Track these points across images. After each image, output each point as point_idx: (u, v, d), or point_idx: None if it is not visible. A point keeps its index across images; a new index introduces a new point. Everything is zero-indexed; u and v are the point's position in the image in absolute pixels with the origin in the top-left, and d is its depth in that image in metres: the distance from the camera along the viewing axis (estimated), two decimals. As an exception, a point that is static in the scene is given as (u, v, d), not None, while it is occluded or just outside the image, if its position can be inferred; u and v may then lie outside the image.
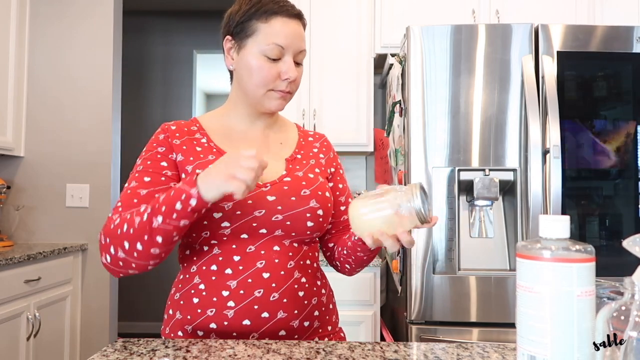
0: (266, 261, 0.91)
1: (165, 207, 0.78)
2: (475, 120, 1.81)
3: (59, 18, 2.61)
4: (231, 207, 0.88)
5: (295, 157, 1.02)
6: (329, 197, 0.99)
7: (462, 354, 0.78)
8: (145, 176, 0.91)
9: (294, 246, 0.94)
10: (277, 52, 0.92)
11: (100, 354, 0.77)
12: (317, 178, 0.99)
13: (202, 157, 0.95)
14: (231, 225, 0.89)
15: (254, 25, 0.93)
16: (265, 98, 0.96)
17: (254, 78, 0.94)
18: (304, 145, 1.06)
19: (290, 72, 0.93)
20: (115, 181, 2.65)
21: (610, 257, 1.75)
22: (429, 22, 2.36)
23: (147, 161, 0.94)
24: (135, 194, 0.89)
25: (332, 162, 1.08)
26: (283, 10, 0.93)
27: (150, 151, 0.95)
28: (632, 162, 1.80)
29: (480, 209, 1.81)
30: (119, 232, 0.82)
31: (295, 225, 0.92)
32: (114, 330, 2.63)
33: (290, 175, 0.97)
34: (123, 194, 0.91)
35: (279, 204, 0.91)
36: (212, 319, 0.89)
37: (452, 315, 1.77)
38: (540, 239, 0.57)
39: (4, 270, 1.95)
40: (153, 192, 0.90)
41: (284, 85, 0.95)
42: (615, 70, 1.82)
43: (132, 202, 0.88)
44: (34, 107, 2.59)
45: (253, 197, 0.90)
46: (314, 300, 0.95)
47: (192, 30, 4.12)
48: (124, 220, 0.83)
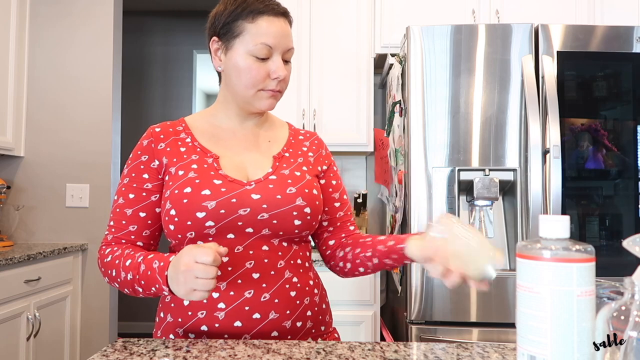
0: (255, 261, 0.90)
1: (144, 283, 0.85)
2: (475, 120, 1.81)
3: (59, 18, 2.61)
4: (215, 206, 0.87)
5: (283, 155, 1.00)
6: (317, 194, 0.97)
7: (462, 354, 0.78)
8: (130, 192, 0.95)
9: (284, 245, 0.93)
10: (265, 51, 0.92)
11: (100, 354, 0.77)
12: (304, 176, 0.98)
13: (186, 157, 0.94)
14: (215, 224, 0.88)
15: (241, 26, 0.92)
16: (255, 98, 0.95)
17: (243, 79, 0.93)
18: (293, 143, 1.05)
19: (280, 71, 0.93)
20: (115, 181, 2.65)
21: (610, 257, 1.76)
22: (429, 22, 2.36)
23: (131, 173, 0.96)
24: (123, 214, 0.95)
25: (323, 160, 1.06)
26: (269, 9, 0.93)
27: (135, 160, 0.97)
28: (632, 162, 1.80)
29: (480, 209, 1.81)
30: (109, 272, 0.90)
31: (282, 224, 0.91)
32: (114, 330, 2.63)
33: (276, 173, 0.96)
34: (113, 209, 0.96)
35: (264, 202, 0.90)
36: (202, 321, 0.88)
37: (452, 315, 1.77)
38: (540, 239, 0.57)
39: (4, 270, 1.95)
40: (137, 211, 0.94)
41: (274, 85, 0.94)
42: (615, 70, 1.82)
43: (121, 223, 0.94)
44: (34, 107, 2.59)
45: (237, 196, 0.89)
46: (307, 300, 0.94)
47: (192, 30, 4.12)
48: (112, 265, 0.90)
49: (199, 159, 0.94)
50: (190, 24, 4.12)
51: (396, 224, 1.99)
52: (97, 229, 2.58)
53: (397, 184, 1.98)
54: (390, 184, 2.16)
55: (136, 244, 0.95)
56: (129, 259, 0.88)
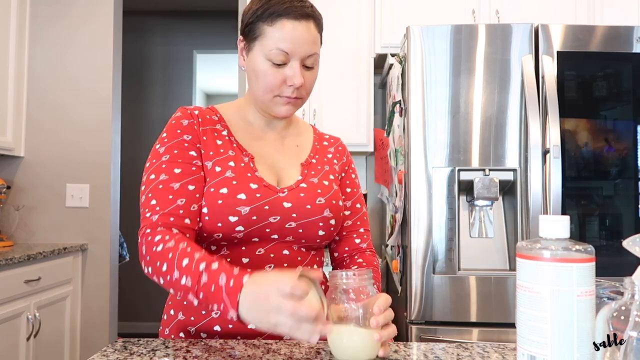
0: (275, 264, 0.90)
1: (202, 296, 0.73)
2: (475, 120, 1.80)
3: (59, 18, 2.61)
4: (248, 212, 0.86)
5: (310, 162, 0.99)
6: (341, 206, 0.97)
7: (462, 354, 0.78)
8: (175, 167, 0.87)
9: (302, 251, 0.93)
10: (281, 57, 0.88)
11: (100, 354, 0.77)
12: (331, 186, 0.97)
13: (222, 152, 0.91)
14: (245, 229, 0.87)
15: (260, 28, 0.89)
16: (272, 104, 0.93)
17: (260, 83, 0.91)
18: (319, 149, 1.03)
19: (296, 78, 0.88)
20: (115, 181, 2.65)
21: (610, 257, 1.75)
22: (429, 22, 2.35)
23: (173, 150, 0.89)
24: (169, 189, 0.85)
25: (344, 167, 1.05)
26: (289, 12, 0.87)
27: (175, 138, 0.90)
28: (632, 162, 1.80)
29: (480, 209, 1.81)
30: (157, 264, 0.79)
31: (306, 233, 0.91)
32: (114, 330, 2.63)
33: (305, 181, 0.95)
34: (153, 187, 0.86)
35: (294, 212, 0.90)
36: (216, 321, 0.88)
37: (452, 315, 1.77)
38: (540, 239, 0.57)
39: (4, 270, 1.95)
40: (186, 184, 0.86)
41: (290, 92, 0.90)
42: (615, 70, 1.82)
43: (167, 198, 0.85)
44: (34, 107, 2.59)
45: (270, 203, 0.88)
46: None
47: (192, 30, 4.12)
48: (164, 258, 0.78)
49: (235, 156, 0.92)
50: (190, 24, 4.12)
51: (396, 224, 1.99)
52: (97, 229, 2.58)
53: (397, 184, 1.98)
54: (390, 184, 2.16)
55: (184, 221, 0.85)
56: (185, 258, 0.76)
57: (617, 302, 0.53)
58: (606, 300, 0.59)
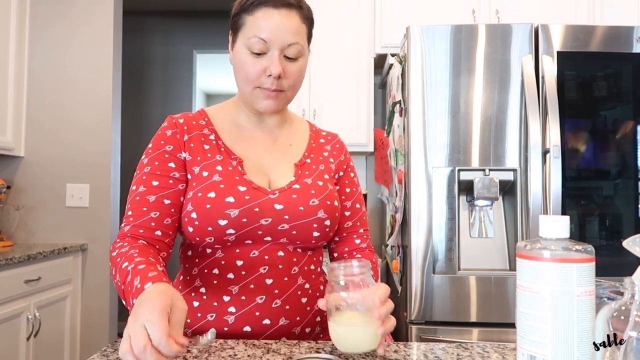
0: (270, 267, 0.89)
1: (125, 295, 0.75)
2: (475, 120, 1.80)
3: (59, 18, 2.61)
4: (237, 214, 0.85)
5: (304, 162, 0.97)
6: (337, 205, 0.95)
7: (462, 354, 0.78)
8: (153, 180, 0.88)
9: (298, 252, 0.92)
10: (260, 46, 0.86)
11: (100, 354, 0.77)
12: (326, 186, 0.95)
13: (210, 156, 0.91)
14: (236, 232, 0.86)
15: (243, 19, 0.89)
16: (253, 97, 0.91)
17: (240, 74, 0.90)
18: (314, 147, 1.01)
19: (274, 67, 0.86)
20: (115, 181, 2.65)
21: (610, 257, 1.75)
22: (429, 22, 2.35)
23: (154, 161, 0.90)
24: (144, 201, 0.87)
25: (342, 165, 1.03)
26: (269, 1, 0.86)
27: (157, 149, 0.91)
28: (632, 162, 1.80)
29: (480, 209, 1.81)
30: (112, 269, 0.81)
31: (301, 234, 0.90)
32: (114, 330, 2.63)
33: (299, 182, 0.93)
34: (132, 199, 0.88)
35: (286, 214, 0.88)
36: (212, 323, 0.88)
37: (452, 315, 1.77)
38: (540, 239, 0.57)
39: (4, 270, 1.95)
40: (161, 197, 0.87)
41: (270, 82, 0.88)
42: (615, 70, 1.82)
43: (142, 210, 0.86)
44: (34, 107, 2.59)
45: (260, 205, 0.87)
46: (317, 306, 0.92)
47: (192, 30, 4.12)
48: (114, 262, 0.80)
49: (223, 160, 0.91)
50: (190, 24, 4.12)
51: (396, 224, 1.99)
52: (97, 229, 2.58)
53: (397, 184, 1.98)
54: (390, 184, 2.16)
55: (155, 233, 0.86)
56: (126, 262, 0.77)
57: (617, 302, 0.53)
58: (606, 300, 0.59)
